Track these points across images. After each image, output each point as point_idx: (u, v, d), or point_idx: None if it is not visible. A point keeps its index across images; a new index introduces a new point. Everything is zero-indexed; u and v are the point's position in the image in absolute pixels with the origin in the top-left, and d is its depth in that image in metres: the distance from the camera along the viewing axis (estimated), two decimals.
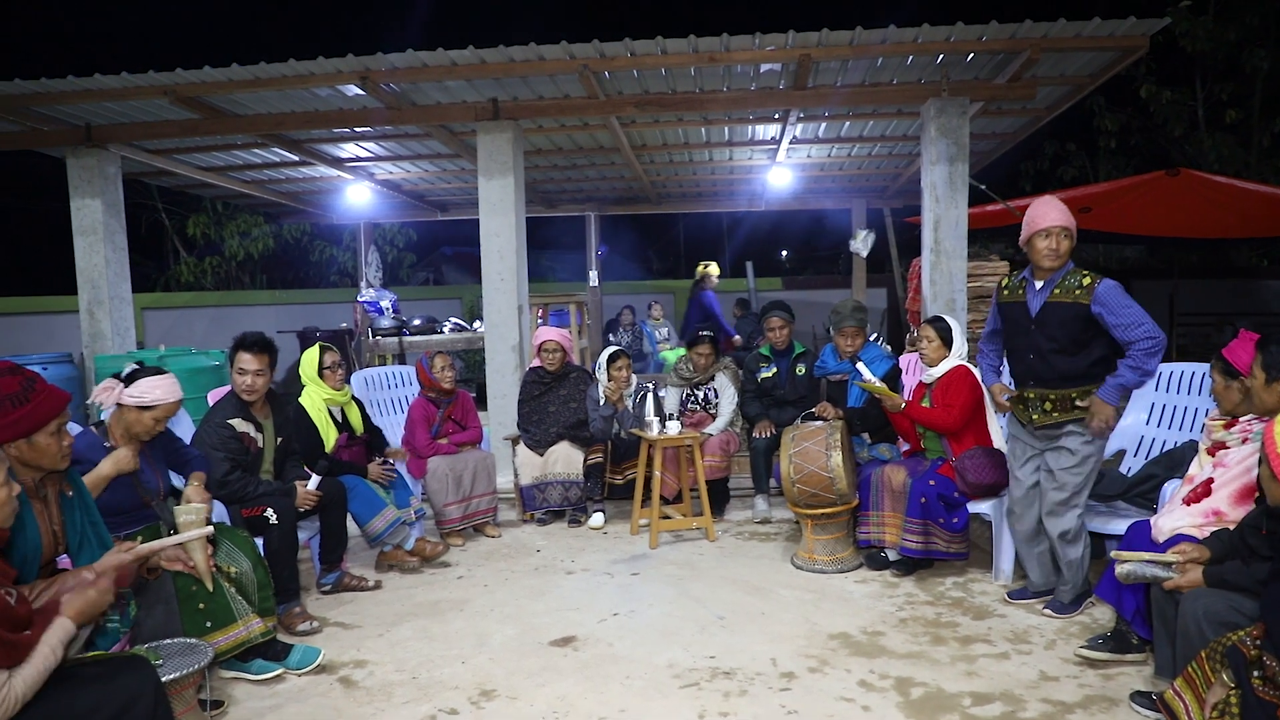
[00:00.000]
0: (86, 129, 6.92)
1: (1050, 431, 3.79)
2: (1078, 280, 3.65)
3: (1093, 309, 3.58)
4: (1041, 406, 3.77)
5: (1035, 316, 3.73)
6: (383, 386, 6.17)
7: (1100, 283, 3.60)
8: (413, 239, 17.25)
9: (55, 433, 2.58)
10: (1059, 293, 3.67)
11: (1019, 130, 8.09)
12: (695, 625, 3.88)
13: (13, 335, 11.18)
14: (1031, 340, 3.77)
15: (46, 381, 2.62)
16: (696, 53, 5.68)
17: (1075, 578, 3.86)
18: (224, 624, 3.22)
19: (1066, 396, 3.69)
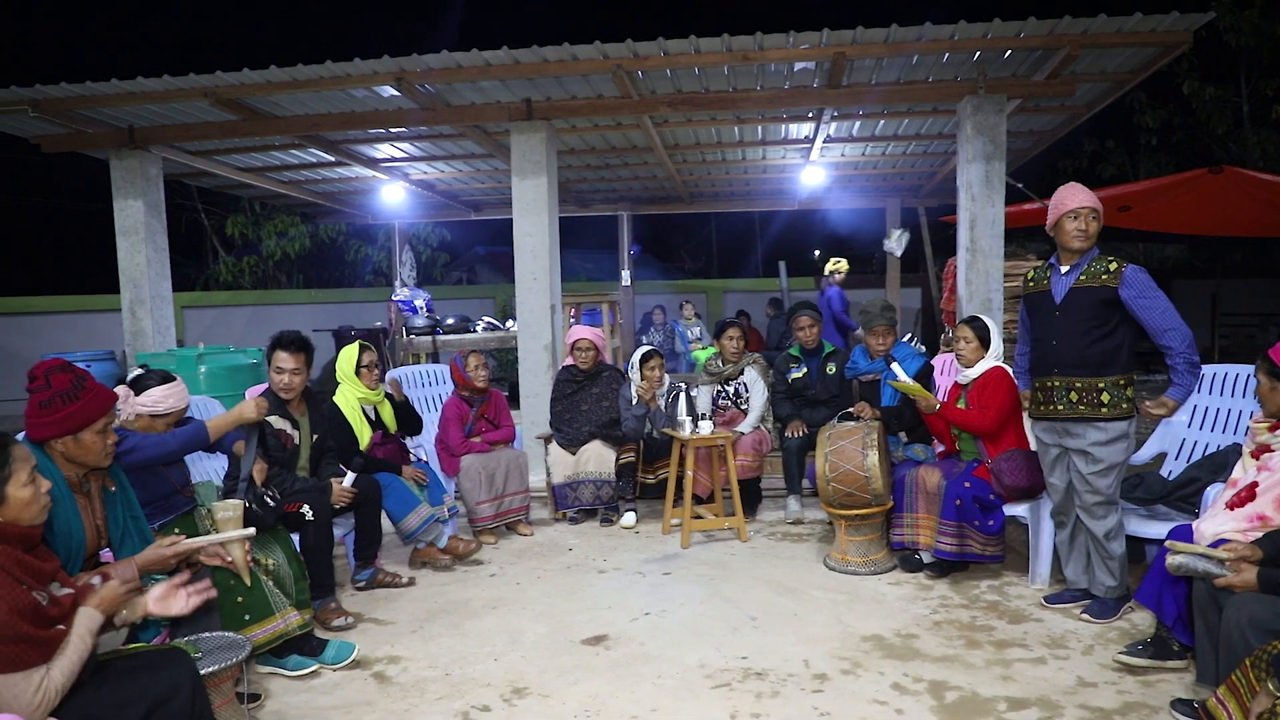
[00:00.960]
0: (129, 131, 7.06)
1: (1071, 426, 3.75)
2: (1104, 265, 3.64)
3: (1120, 292, 3.57)
4: (1066, 397, 3.73)
5: (1060, 303, 3.72)
6: (417, 385, 6.22)
7: (1127, 267, 3.60)
8: (446, 239, 17.40)
9: (101, 431, 2.65)
10: (1084, 278, 3.67)
11: (1057, 128, 7.98)
12: (727, 625, 3.87)
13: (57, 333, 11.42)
14: (1056, 327, 3.75)
15: (95, 380, 2.68)
16: (730, 51, 5.67)
17: (1117, 578, 3.81)
18: (262, 617, 3.27)
19: (1092, 386, 3.66)
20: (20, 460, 2.14)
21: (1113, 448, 3.68)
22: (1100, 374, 3.65)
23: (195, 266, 17.12)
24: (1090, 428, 3.69)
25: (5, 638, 1.94)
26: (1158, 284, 3.60)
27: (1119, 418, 3.66)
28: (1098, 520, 3.76)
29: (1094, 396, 3.66)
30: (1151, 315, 3.55)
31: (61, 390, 2.57)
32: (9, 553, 2.05)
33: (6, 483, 2.10)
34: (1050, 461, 3.93)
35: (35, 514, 2.16)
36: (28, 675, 1.99)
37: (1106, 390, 3.64)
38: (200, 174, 9.15)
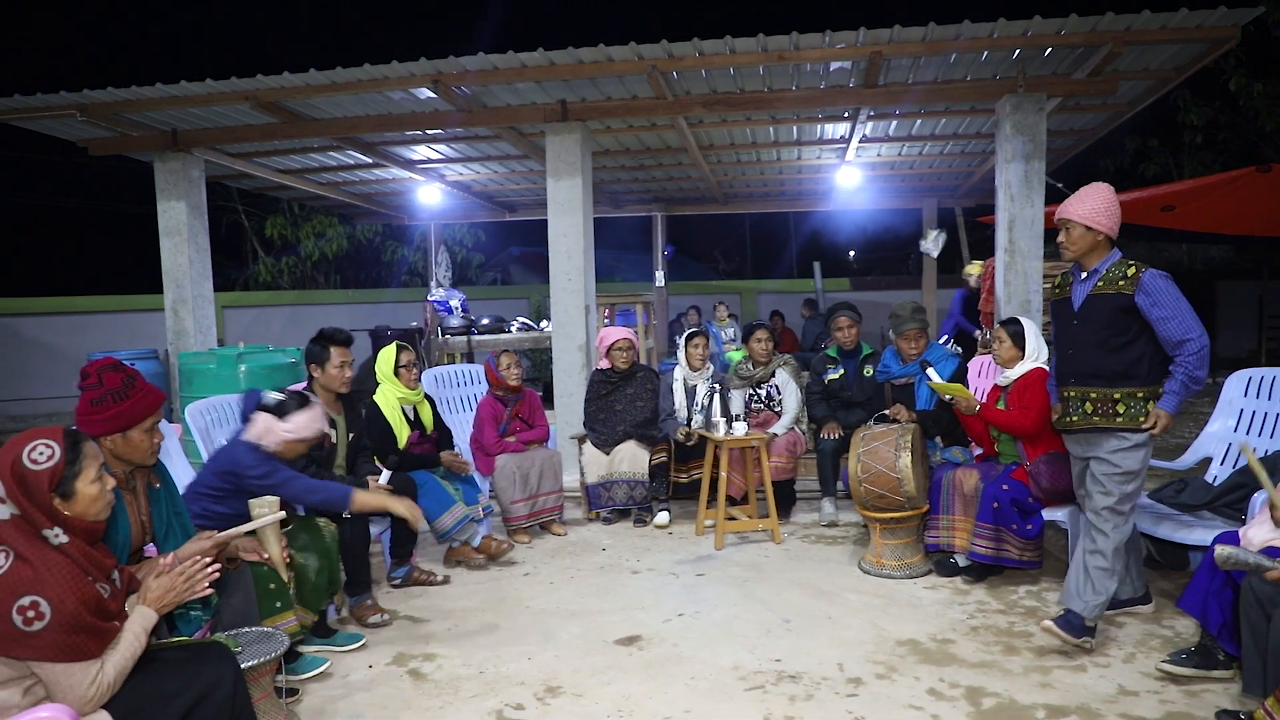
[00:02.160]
0: (173, 134, 7.19)
1: (1089, 437, 3.58)
2: (1122, 270, 3.46)
3: (1136, 299, 3.40)
4: (1081, 407, 3.55)
5: (1078, 310, 3.56)
6: (452, 384, 6.27)
7: (1146, 272, 3.43)
8: (481, 239, 17.51)
9: (149, 429, 2.71)
10: (1102, 284, 3.49)
11: (1099, 126, 7.85)
12: (761, 628, 3.85)
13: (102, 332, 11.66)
14: (1073, 335, 3.59)
15: (145, 379, 2.75)
16: (765, 51, 5.65)
17: (1098, 595, 3.50)
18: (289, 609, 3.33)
19: (1108, 397, 3.47)
20: (90, 457, 2.20)
21: (1130, 455, 3.48)
22: (1116, 385, 3.46)
23: (235, 267, 17.40)
24: (1108, 437, 3.51)
25: (70, 627, 1.99)
26: (1190, 287, 3.46)
27: (1135, 429, 3.46)
28: (1100, 532, 3.52)
29: (1109, 408, 3.47)
30: (1166, 326, 3.36)
31: (113, 389, 2.64)
32: (78, 546, 2.11)
33: (76, 478, 2.15)
34: (1078, 474, 3.79)
35: (101, 509, 2.21)
36: (85, 667, 2.04)
37: (1122, 402, 3.45)
38: (241, 176, 9.29)
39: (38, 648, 1.97)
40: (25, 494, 2.06)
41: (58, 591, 2.00)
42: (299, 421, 3.55)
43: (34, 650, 1.97)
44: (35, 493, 2.08)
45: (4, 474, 2.07)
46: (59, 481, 2.11)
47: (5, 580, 1.99)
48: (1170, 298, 3.37)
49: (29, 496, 2.07)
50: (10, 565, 2.01)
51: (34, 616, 1.96)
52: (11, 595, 1.96)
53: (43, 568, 2.01)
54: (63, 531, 2.09)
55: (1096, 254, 3.52)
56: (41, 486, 2.08)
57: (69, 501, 2.13)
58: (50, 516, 2.09)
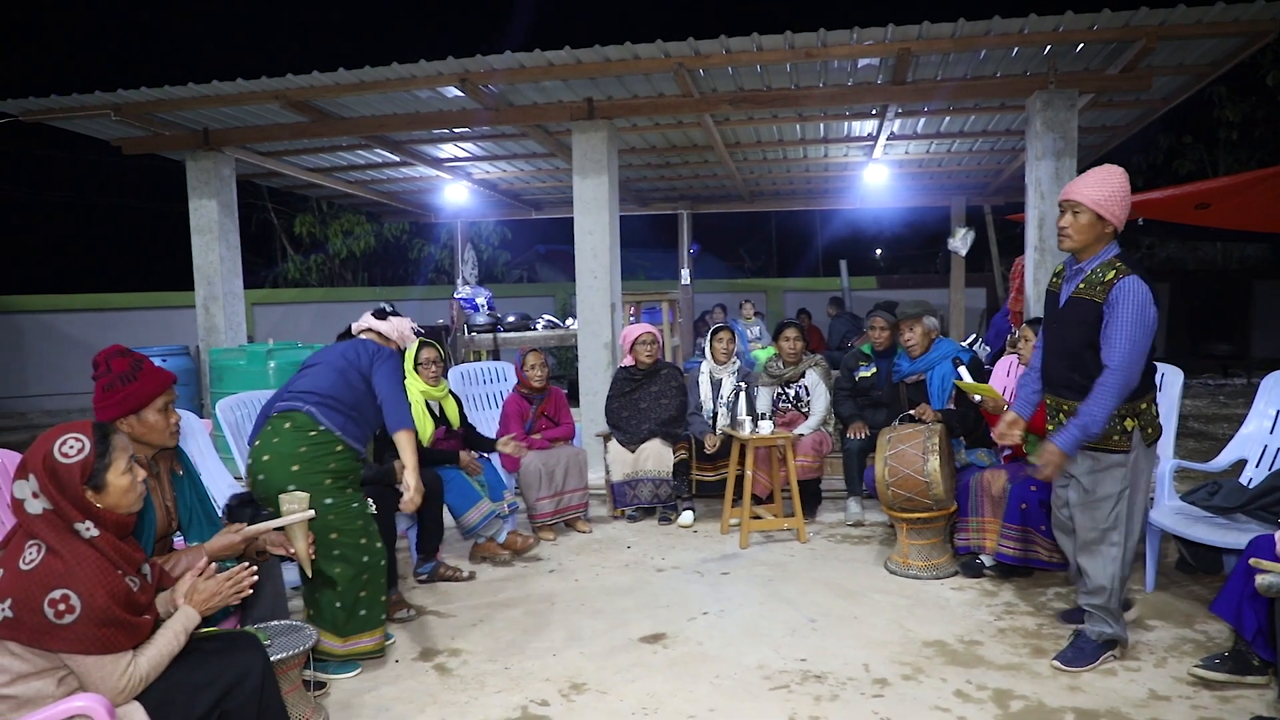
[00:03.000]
0: (204, 133, 7.28)
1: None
2: (1104, 274, 3.12)
3: (1104, 309, 3.08)
4: (1057, 417, 3.32)
5: (1060, 310, 3.29)
6: (478, 382, 6.30)
7: (1123, 279, 3.06)
8: (507, 237, 17.58)
9: (163, 410, 2.77)
10: (1084, 286, 3.18)
11: (1132, 123, 7.75)
12: (786, 627, 3.84)
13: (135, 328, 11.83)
14: (1052, 337, 3.35)
15: (154, 363, 2.82)
16: (793, 49, 5.62)
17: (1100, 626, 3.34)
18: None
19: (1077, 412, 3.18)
20: (119, 449, 2.23)
21: (1107, 477, 3.21)
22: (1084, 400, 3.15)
23: (265, 265, 17.59)
24: (1082, 457, 3.25)
25: (100, 621, 2.02)
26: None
27: (1111, 450, 3.19)
28: (1092, 557, 3.29)
29: None
30: (1110, 328, 3.05)
31: (121, 373, 2.72)
32: (108, 539, 2.14)
33: (107, 470, 2.18)
34: (1057, 498, 3.55)
35: (132, 502, 2.24)
36: (115, 660, 2.07)
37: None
38: (270, 174, 9.39)
39: (69, 640, 2.00)
40: (57, 487, 2.10)
41: (88, 585, 2.03)
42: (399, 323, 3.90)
43: (65, 643, 2.00)
44: (67, 485, 2.11)
45: (36, 468, 2.11)
46: (90, 474, 2.14)
47: (37, 574, 2.02)
48: (1134, 308, 3.04)
49: (61, 489, 2.10)
50: (42, 559, 2.04)
51: (65, 610, 1.99)
52: (43, 588, 2.00)
53: (73, 561, 2.04)
54: (94, 525, 2.12)
55: (1096, 247, 3.20)
56: (73, 479, 2.12)
57: (100, 494, 2.16)
58: (82, 509, 2.12)
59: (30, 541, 2.08)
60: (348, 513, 3.42)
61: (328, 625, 3.42)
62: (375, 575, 3.49)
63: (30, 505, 2.10)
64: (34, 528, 2.09)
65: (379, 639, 3.54)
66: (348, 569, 3.40)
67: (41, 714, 2.02)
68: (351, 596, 3.43)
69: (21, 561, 2.04)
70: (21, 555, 2.06)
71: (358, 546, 3.42)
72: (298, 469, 3.36)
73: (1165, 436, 4.48)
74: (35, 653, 2.03)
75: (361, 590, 3.45)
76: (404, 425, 3.56)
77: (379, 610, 3.53)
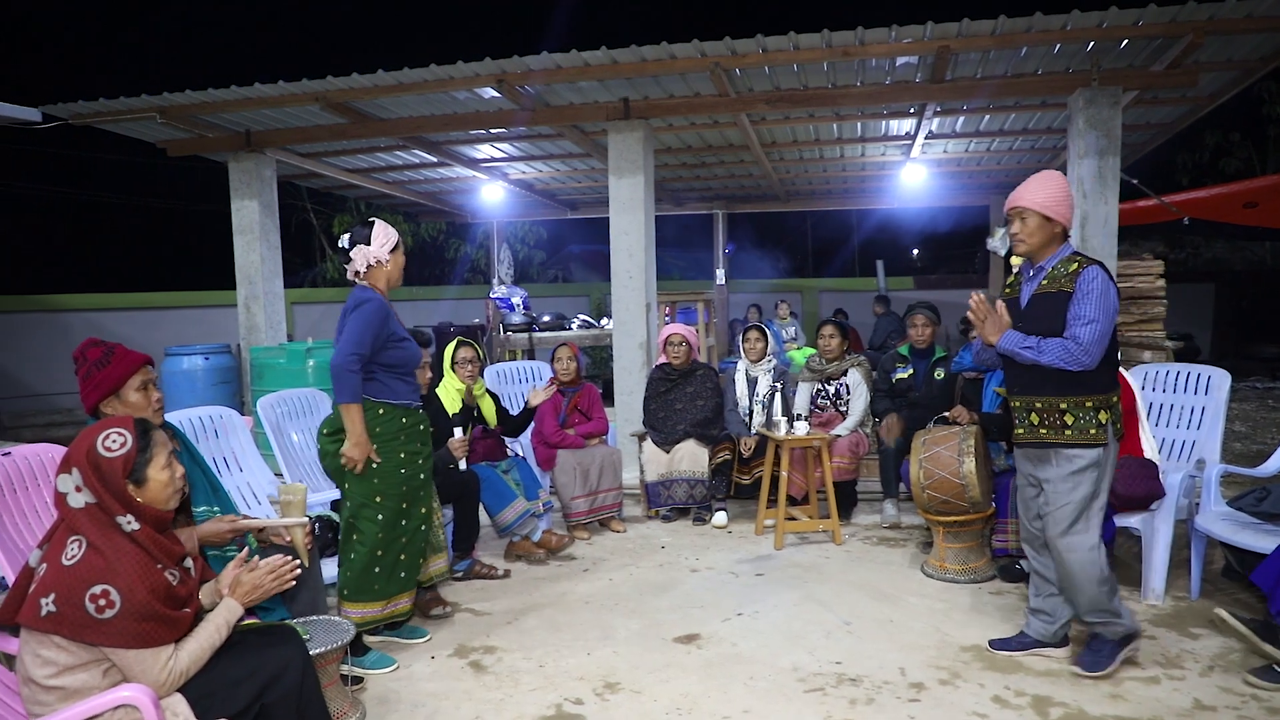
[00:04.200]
0: (246, 135, 7.40)
1: (1036, 452, 3.30)
2: (1066, 267, 3.21)
3: (1072, 297, 3.15)
4: (1027, 418, 3.28)
5: (1024, 310, 3.30)
6: (513, 380, 6.34)
7: (1086, 268, 3.15)
8: (543, 237, 17.65)
9: (141, 389, 2.88)
10: (1047, 283, 3.24)
11: (1177, 120, 7.60)
12: (821, 629, 3.82)
13: (178, 326, 12.03)
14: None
15: (126, 349, 2.94)
16: (830, 47, 5.58)
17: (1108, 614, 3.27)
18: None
19: (1054, 407, 3.18)
20: (160, 444, 2.28)
21: (1080, 479, 3.18)
22: (1064, 393, 3.16)
23: (304, 264, 17.81)
24: (1057, 458, 3.22)
25: (140, 615, 2.06)
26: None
27: (1086, 444, 3.16)
28: (1065, 551, 3.22)
29: (1056, 419, 3.19)
30: (1075, 309, 3.10)
31: (95, 360, 2.85)
32: (148, 533, 2.18)
33: (148, 464, 2.23)
34: (1025, 498, 3.48)
35: (170, 496, 2.29)
36: (156, 653, 2.11)
37: (1070, 413, 3.16)
38: (310, 175, 9.52)
39: (109, 635, 2.04)
40: (100, 480, 2.14)
41: (127, 580, 2.06)
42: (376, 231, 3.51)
43: (106, 637, 2.04)
44: (110, 479, 2.15)
45: (80, 462, 2.15)
46: (132, 468, 2.19)
47: (78, 569, 2.06)
48: (1095, 298, 3.10)
49: (104, 483, 2.14)
50: (83, 554, 2.08)
51: (105, 605, 2.03)
52: (84, 583, 2.04)
53: (114, 557, 2.08)
54: (135, 519, 2.17)
55: (1050, 248, 3.27)
56: (116, 473, 2.16)
57: (141, 488, 2.21)
58: (124, 503, 2.16)
59: (72, 537, 2.12)
60: (394, 479, 3.51)
61: (366, 591, 3.51)
62: (415, 539, 3.62)
63: (73, 499, 2.15)
64: (76, 522, 2.13)
65: (411, 600, 3.69)
66: (389, 531, 3.51)
67: (88, 704, 2.06)
68: (391, 559, 3.55)
69: (64, 557, 2.09)
70: (64, 551, 2.10)
71: (399, 511, 3.54)
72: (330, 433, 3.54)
73: (1212, 440, 4.39)
74: (80, 646, 2.07)
75: (401, 553, 3.57)
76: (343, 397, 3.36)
77: (414, 572, 3.68)
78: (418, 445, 3.61)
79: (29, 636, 2.10)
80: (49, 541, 2.19)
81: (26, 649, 2.10)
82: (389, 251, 3.53)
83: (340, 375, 3.34)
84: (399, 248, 3.57)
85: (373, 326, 3.39)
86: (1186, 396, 4.64)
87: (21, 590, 2.15)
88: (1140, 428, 4.19)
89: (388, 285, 3.58)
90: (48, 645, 2.07)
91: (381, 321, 3.42)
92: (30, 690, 2.10)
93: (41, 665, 2.07)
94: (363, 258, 3.50)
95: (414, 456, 3.58)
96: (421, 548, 3.67)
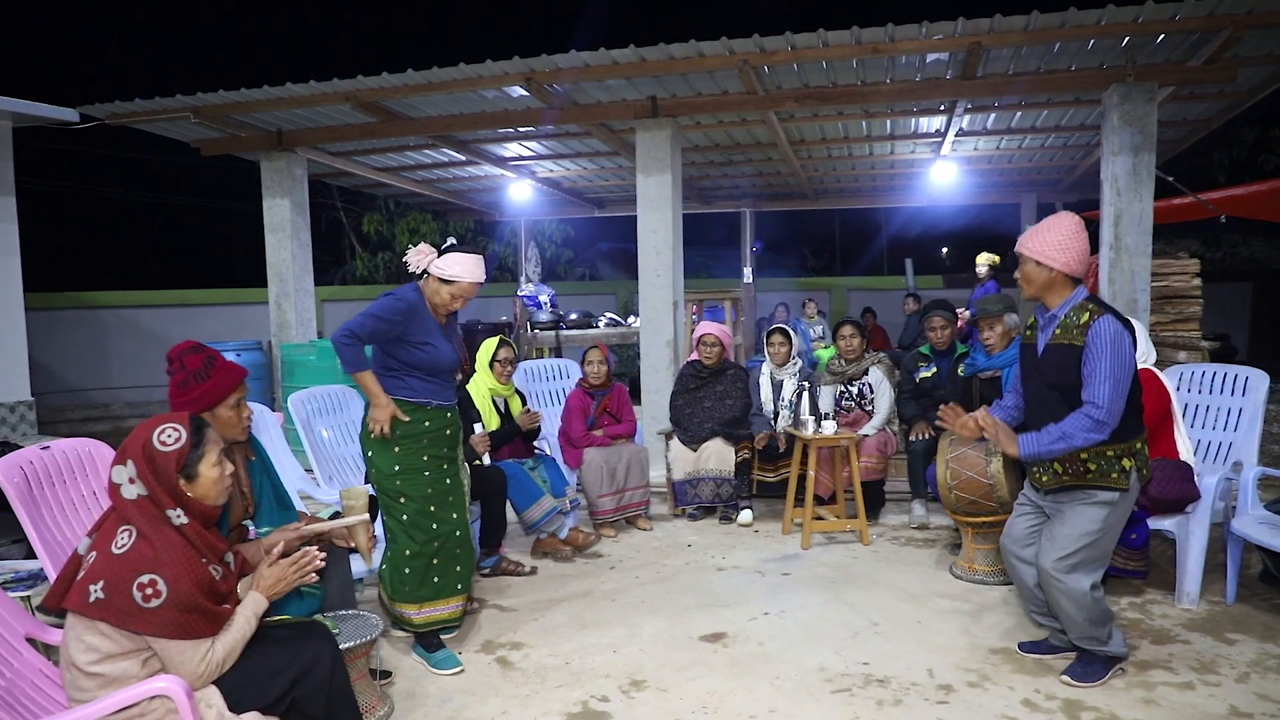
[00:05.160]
0: (278, 134, 7.48)
1: (1059, 496, 3.22)
2: (1078, 316, 3.10)
3: (1084, 352, 3.05)
4: (1051, 467, 3.19)
5: (1039, 359, 3.23)
6: (541, 379, 6.36)
7: (1097, 320, 3.03)
8: (570, 235, 17.70)
9: (235, 406, 2.84)
10: (1059, 332, 3.14)
11: (1214, 116, 7.46)
12: (848, 630, 3.80)
13: (211, 323, 12.20)
14: (1034, 387, 3.28)
15: (225, 358, 2.88)
16: (859, 44, 5.54)
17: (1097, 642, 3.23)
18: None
19: (1075, 456, 3.10)
20: (212, 442, 2.32)
21: (1095, 511, 3.11)
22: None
23: (334, 262, 17.99)
24: (1077, 493, 3.15)
25: (184, 607, 2.11)
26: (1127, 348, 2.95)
27: (1110, 487, 3.09)
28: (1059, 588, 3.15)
29: (1078, 467, 3.11)
30: (1090, 366, 3.00)
31: (194, 370, 2.78)
32: (195, 528, 2.23)
33: (200, 460, 2.27)
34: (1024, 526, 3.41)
35: (220, 493, 2.33)
36: (196, 645, 2.15)
37: (1091, 460, 3.08)
38: (340, 174, 9.61)
39: (154, 624, 2.08)
40: (154, 473, 2.18)
41: (174, 572, 2.11)
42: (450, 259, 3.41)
43: (150, 626, 2.08)
44: (163, 472, 2.19)
45: (136, 454, 2.20)
46: (185, 463, 2.23)
47: (128, 557, 2.11)
48: (1108, 355, 2.99)
49: (157, 476, 2.19)
50: (133, 544, 2.13)
51: (152, 594, 2.08)
52: (133, 572, 2.08)
53: (162, 548, 2.13)
54: (184, 513, 2.21)
55: (1056, 293, 3.18)
56: (169, 467, 2.20)
57: (192, 483, 2.25)
58: (174, 497, 2.20)
59: (123, 527, 2.17)
60: (418, 480, 3.46)
61: (399, 591, 3.48)
62: (448, 544, 3.51)
63: (126, 490, 2.19)
64: (128, 512, 2.18)
65: (455, 608, 3.57)
66: (417, 534, 3.45)
67: (124, 692, 2.10)
68: (422, 563, 3.47)
69: (114, 546, 2.14)
70: (114, 540, 2.15)
71: (429, 514, 3.46)
72: (371, 454, 3.51)
73: (1249, 442, 4.32)
74: (123, 634, 2.11)
75: (434, 558, 3.48)
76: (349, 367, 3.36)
77: (454, 579, 3.54)
78: (443, 450, 3.55)
79: (75, 622, 2.14)
80: (98, 530, 2.24)
81: (71, 634, 2.14)
82: (440, 279, 3.45)
83: (336, 348, 3.33)
84: (454, 285, 3.45)
85: (383, 316, 3.34)
86: (1223, 398, 4.56)
87: (69, 577, 2.20)
88: (1176, 429, 4.13)
89: (431, 299, 3.50)
90: (93, 632, 2.11)
91: (396, 316, 3.36)
92: (72, 675, 2.14)
93: (85, 651, 2.12)
94: (420, 260, 3.45)
95: (438, 461, 3.52)
96: (456, 554, 3.54)
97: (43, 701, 2.32)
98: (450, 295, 3.48)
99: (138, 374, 11.70)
